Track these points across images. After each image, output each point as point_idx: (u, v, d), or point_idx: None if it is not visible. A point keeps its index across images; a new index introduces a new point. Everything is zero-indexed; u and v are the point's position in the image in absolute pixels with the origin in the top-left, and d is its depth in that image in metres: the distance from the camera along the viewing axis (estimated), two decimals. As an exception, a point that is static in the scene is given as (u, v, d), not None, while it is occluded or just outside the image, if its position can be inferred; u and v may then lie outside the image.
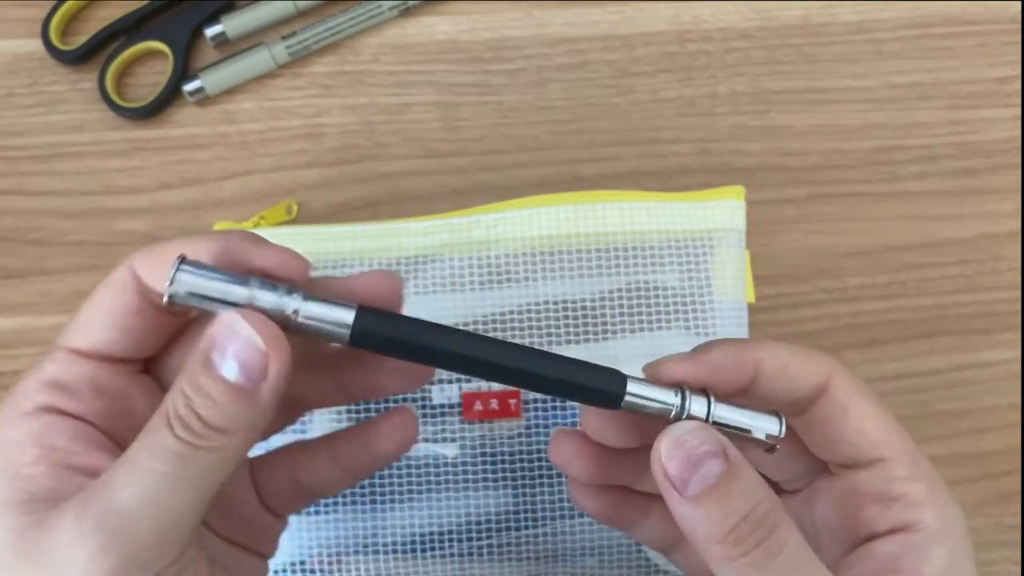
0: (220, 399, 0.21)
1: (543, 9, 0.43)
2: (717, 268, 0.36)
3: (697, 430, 0.21)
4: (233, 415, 0.21)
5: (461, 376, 0.35)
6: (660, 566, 0.35)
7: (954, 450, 0.42)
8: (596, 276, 0.36)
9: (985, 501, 0.42)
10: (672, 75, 0.43)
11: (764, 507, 0.20)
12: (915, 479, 0.23)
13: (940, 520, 0.23)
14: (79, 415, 0.23)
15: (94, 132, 0.42)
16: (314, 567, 0.34)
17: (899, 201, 0.43)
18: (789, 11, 0.44)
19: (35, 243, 0.41)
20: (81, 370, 0.23)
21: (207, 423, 0.21)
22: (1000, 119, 0.44)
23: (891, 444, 0.23)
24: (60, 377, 0.23)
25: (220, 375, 0.21)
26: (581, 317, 0.35)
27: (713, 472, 0.20)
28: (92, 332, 0.23)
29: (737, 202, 0.37)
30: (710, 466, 0.21)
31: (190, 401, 0.21)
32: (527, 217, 0.36)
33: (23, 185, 0.42)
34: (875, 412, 0.23)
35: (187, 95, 0.42)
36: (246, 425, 0.21)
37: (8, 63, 0.42)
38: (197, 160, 0.42)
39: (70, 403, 0.23)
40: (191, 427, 0.21)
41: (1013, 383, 0.43)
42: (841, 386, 0.23)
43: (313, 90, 0.43)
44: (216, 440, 0.21)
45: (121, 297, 0.23)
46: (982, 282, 0.43)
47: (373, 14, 0.42)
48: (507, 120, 0.43)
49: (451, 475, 0.35)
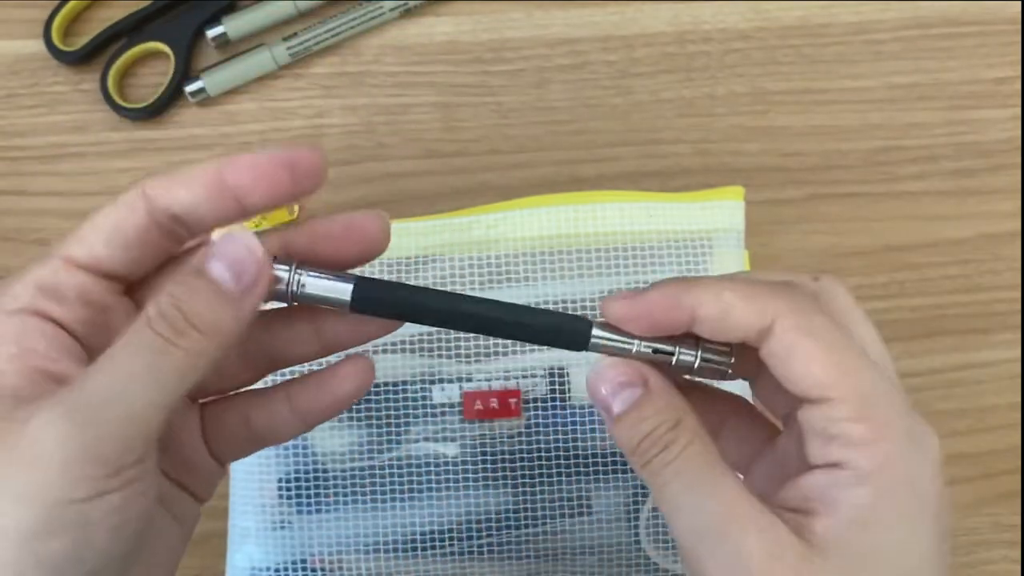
0: (205, 297, 0.22)
1: (543, 10, 0.44)
2: (716, 268, 0.36)
3: (620, 364, 0.25)
4: (213, 318, 0.22)
5: (462, 375, 0.35)
6: (660, 564, 0.35)
7: (953, 449, 0.43)
8: (596, 276, 0.36)
9: (984, 500, 0.42)
10: (672, 76, 0.44)
11: (666, 426, 0.24)
12: (857, 420, 0.23)
13: (874, 462, 0.23)
14: (63, 323, 0.23)
15: (96, 133, 0.42)
16: (314, 566, 0.35)
17: (898, 201, 0.44)
18: (788, 12, 0.44)
19: (37, 243, 0.41)
20: (73, 279, 0.24)
21: (188, 319, 0.22)
22: (999, 119, 0.44)
23: (838, 386, 0.23)
24: (50, 282, 0.24)
25: (212, 276, 0.23)
26: None
27: (631, 398, 0.24)
28: (93, 244, 0.24)
29: (736, 202, 0.37)
30: (629, 392, 0.24)
31: (175, 299, 0.22)
32: (527, 217, 0.36)
33: (25, 185, 0.42)
34: (822, 353, 0.23)
35: (189, 96, 0.42)
36: (223, 331, 0.23)
37: (10, 64, 0.42)
38: (199, 160, 0.42)
39: (56, 309, 0.23)
40: (172, 322, 0.22)
41: (1012, 383, 0.43)
42: (787, 328, 0.23)
43: (314, 91, 0.43)
44: (192, 340, 0.22)
45: (130, 215, 0.24)
46: (981, 282, 0.43)
47: (374, 15, 0.43)
48: (507, 121, 0.43)
49: (451, 474, 0.35)
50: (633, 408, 0.24)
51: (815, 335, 0.23)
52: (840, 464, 0.23)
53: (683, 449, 0.24)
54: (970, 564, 0.42)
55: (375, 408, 0.35)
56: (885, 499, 0.23)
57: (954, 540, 0.43)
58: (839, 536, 0.23)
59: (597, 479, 0.35)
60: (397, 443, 0.35)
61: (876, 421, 0.23)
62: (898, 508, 0.23)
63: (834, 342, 0.23)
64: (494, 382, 0.35)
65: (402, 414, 0.35)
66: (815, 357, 0.23)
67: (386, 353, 0.35)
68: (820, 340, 0.23)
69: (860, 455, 0.23)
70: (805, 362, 0.23)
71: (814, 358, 0.23)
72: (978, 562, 0.42)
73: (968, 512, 0.42)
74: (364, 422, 0.35)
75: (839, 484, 0.23)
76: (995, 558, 0.42)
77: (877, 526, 0.23)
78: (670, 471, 0.24)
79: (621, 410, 0.24)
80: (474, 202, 0.38)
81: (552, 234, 0.36)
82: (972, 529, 0.42)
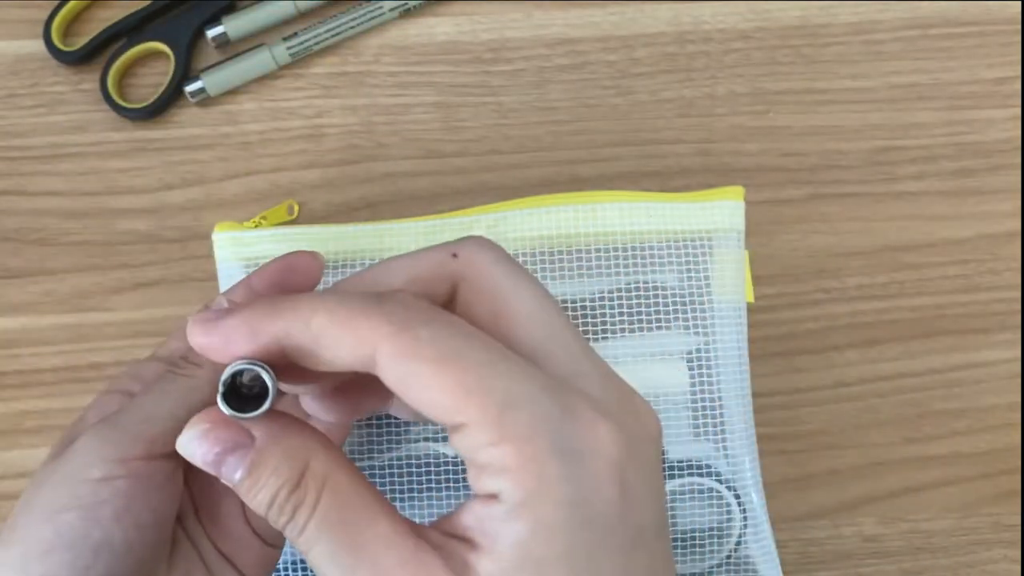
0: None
1: (543, 10, 0.44)
2: (716, 268, 0.36)
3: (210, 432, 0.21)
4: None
5: None
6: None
7: (953, 449, 0.43)
8: (596, 276, 0.36)
9: (984, 500, 0.42)
10: (672, 76, 0.44)
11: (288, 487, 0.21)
12: (499, 443, 0.20)
13: (524, 489, 0.20)
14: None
15: (96, 133, 0.42)
16: None
17: (898, 201, 0.44)
18: (788, 12, 0.44)
19: (37, 243, 0.41)
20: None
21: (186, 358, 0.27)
22: (999, 119, 0.44)
23: (468, 409, 0.20)
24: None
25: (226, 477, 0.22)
26: (581, 317, 0.35)
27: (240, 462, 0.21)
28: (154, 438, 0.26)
29: (736, 202, 0.37)
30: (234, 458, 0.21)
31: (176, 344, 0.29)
32: (527, 217, 0.36)
33: (25, 185, 0.42)
34: (436, 375, 0.20)
35: (188, 96, 0.42)
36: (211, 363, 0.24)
37: (10, 64, 0.42)
38: (199, 160, 0.42)
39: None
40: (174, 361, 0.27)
41: (1011, 383, 0.43)
42: (391, 355, 0.20)
43: (314, 91, 0.43)
44: (190, 371, 0.27)
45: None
46: (980, 282, 0.43)
47: (374, 15, 0.43)
48: (507, 121, 0.43)
49: (452, 474, 0.35)
50: (248, 476, 0.21)
51: (422, 356, 0.20)
52: (495, 495, 0.20)
53: (312, 511, 0.21)
54: (970, 564, 0.42)
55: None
56: (544, 532, 0.20)
57: (954, 539, 0.43)
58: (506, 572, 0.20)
59: None
60: (397, 443, 0.35)
61: (517, 439, 0.20)
62: (564, 539, 0.20)
63: (447, 357, 0.20)
64: None
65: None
66: (430, 382, 0.20)
67: None
68: (429, 360, 0.20)
69: (509, 483, 0.20)
70: (421, 389, 0.20)
71: (429, 383, 0.20)
72: (978, 562, 0.42)
73: (968, 512, 0.43)
74: (364, 422, 0.35)
75: (496, 517, 0.20)
76: (995, 558, 0.42)
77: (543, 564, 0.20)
78: (305, 540, 0.21)
79: (238, 479, 0.21)
80: (474, 202, 0.38)
81: (552, 234, 0.36)
82: (972, 529, 0.42)
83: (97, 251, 0.41)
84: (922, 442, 0.43)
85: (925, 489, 0.43)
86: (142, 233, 0.42)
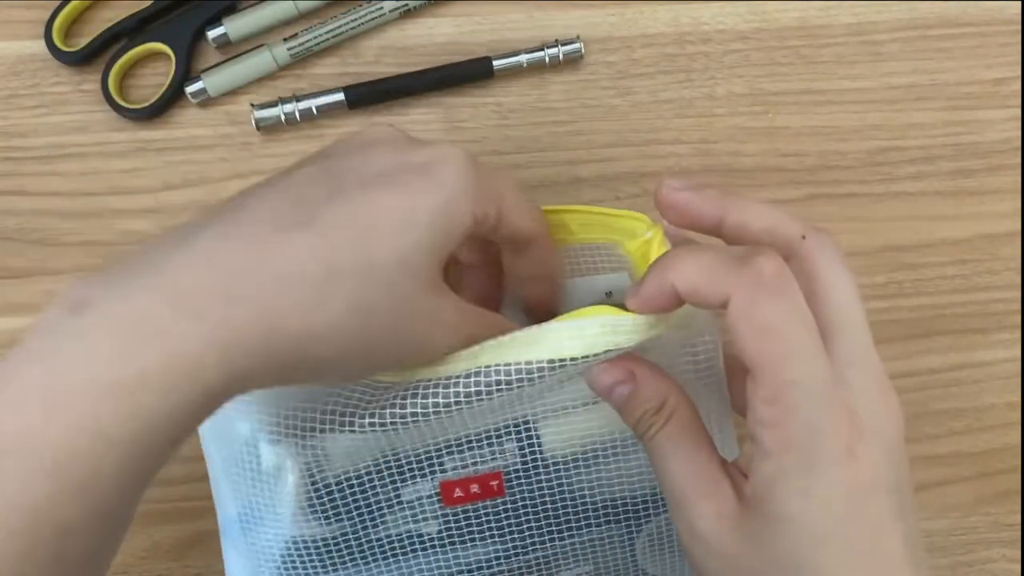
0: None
1: (543, 11, 0.44)
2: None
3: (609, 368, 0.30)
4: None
5: (435, 468, 0.33)
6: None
7: (952, 449, 0.43)
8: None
9: (983, 499, 0.43)
10: (671, 76, 0.44)
11: (652, 409, 0.29)
12: (769, 402, 0.26)
13: (778, 443, 0.26)
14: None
15: (97, 133, 0.42)
16: None
17: (897, 201, 0.44)
18: (787, 13, 0.44)
19: (38, 243, 0.41)
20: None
21: None
22: (997, 120, 0.44)
23: (764, 368, 0.26)
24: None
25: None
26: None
27: (624, 392, 0.30)
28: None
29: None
30: (622, 388, 0.30)
31: None
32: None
33: (26, 186, 0.42)
34: (754, 338, 0.26)
35: (189, 96, 0.42)
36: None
37: (11, 64, 0.42)
38: (200, 161, 0.42)
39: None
40: None
41: (1010, 382, 0.43)
42: (733, 309, 0.26)
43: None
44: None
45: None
46: (979, 282, 0.44)
47: (374, 16, 0.43)
48: (507, 121, 0.43)
49: (436, 545, 0.33)
50: (627, 400, 0.30)
51: (752, 319, 0.26)
52: (755, 437, 0.27)
53: (661, 427, 0.29)
54: (969, 563, 0.43)
55: (341, 505, 0.32)
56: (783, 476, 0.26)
57: (953, 539, 0.43)
58: (756, 499, 0.27)
59: (588, 526, 0.34)
60: (375, 533, 0.33)
61: (784, 406, 0.26)
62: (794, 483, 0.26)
63: (769, 327, 0.26)
64: (466, 458, 0.33)
65: (374, 509, 0.33)
66: (749, 339, 0.26)
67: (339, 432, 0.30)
68: (755, 325, 0.26)
69: (766, 434, 0.26)
70: (740, 339, 0.26)
71: (748, 339, 0.26)
72: (977, 561, 0.43)
73: (967, 511, 0.43)
74: (334, 518, 0.32)
75: (755, 454, 0.27)
76: (994, 557, 0.43)
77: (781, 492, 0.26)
78: (654, 444, 0.29)
79: (619, 403, 0.30)
80: (474, 202, 0.38)
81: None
82: (971, 528, 0.43)
83: (98, 251, 0.41)
84: (921, 442, 0.43)
85: (924, 489, 0.43)
86: (143, 233, 0.42)
